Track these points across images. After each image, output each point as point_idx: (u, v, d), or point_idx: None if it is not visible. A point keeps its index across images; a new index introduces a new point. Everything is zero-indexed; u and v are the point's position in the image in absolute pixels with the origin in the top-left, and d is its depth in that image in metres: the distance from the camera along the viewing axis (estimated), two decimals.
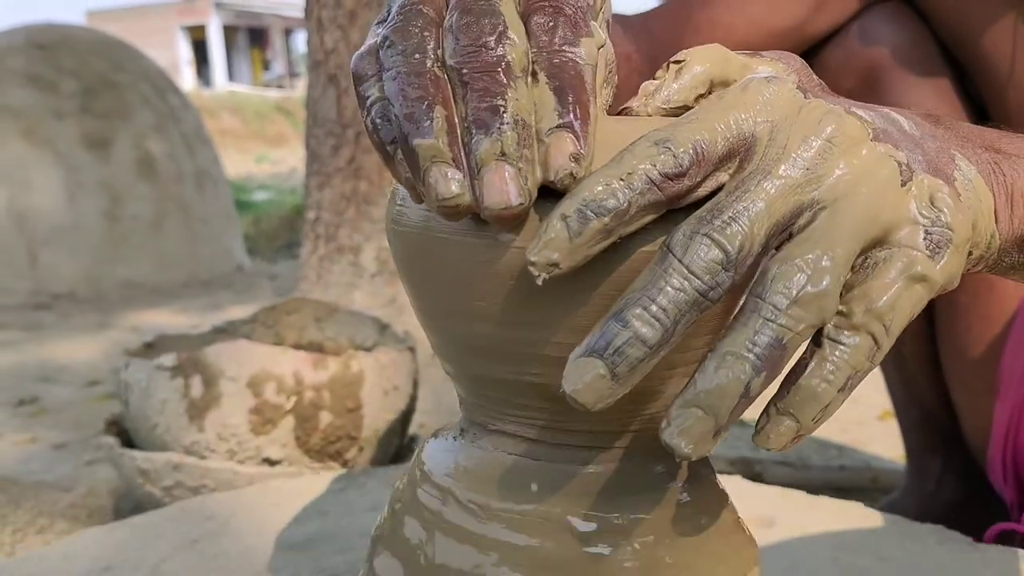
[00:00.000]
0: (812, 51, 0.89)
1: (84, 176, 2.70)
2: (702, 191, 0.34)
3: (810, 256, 0.32)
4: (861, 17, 0.87)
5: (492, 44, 0.35)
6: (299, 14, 2.20)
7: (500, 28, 0.35)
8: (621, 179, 0.32)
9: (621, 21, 0.84)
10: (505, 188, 0.33)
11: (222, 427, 1.01)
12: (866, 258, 0.34)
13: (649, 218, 0.33)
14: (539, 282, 0.32)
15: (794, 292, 0.31)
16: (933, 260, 0.34)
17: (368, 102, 0.36)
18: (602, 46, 0.38)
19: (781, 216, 0.33)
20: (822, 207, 0.33)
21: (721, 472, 1.29)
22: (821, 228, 0.32)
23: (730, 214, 0.32)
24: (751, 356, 0.31)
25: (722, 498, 0.43)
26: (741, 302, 0.33)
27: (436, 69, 0.35)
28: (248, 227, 3.99)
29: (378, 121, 0.36)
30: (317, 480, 0.93)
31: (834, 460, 1.47)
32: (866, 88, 0.86)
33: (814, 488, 1.10)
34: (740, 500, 0.45)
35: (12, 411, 1.75)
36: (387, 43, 0.36)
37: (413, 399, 1.14)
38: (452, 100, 0.35)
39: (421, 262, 0.39)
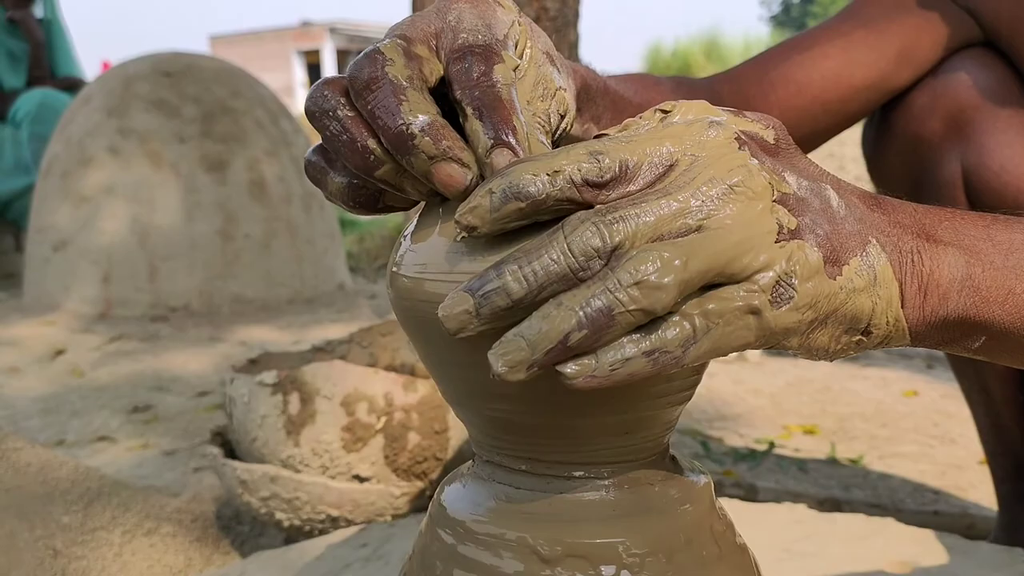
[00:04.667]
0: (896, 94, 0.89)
1: (202, 197, 2.83)
2: None
3: (667, 254, 0.35)
4: (947, 61, 0.86)
5: (377, 72, 0.41)
6: None
7: (377, 57, 0.41)
8: (548, 174, 0.37)
9: (684, 83, 0.85)
10: (453, 179, 0.40)
11: (316, 443, 1.06)
12: (720, 287, 0.37)
13: (567, 209, 0.37)
14: (458, 239, 0.38)
15: (640, 276, 0.35)
16: (773, 306, 0.37)
17: (332, 197, 0.44)
18: (516, 67, 0.44)
19: (666, 231, 0.37)
20: (700, 229, 0.37)
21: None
22: (688, 241, 0.36)
23: (622, 214, 0.36)
24: (580, 313, 0.35)
25: (717, 513, 0.45)
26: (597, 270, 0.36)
27: (348, 111, 0.41)
28: (352, 245, 4.11)
29: (350, 204, 0.44)
30: None
31: (929, 504, 1.43)
32: (952, 131, 0.85)
33: None
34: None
35: (127, 417, 1.86)
36: (311, 118, 0.43)
37: None
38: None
39: (416, 312, 0.42)
